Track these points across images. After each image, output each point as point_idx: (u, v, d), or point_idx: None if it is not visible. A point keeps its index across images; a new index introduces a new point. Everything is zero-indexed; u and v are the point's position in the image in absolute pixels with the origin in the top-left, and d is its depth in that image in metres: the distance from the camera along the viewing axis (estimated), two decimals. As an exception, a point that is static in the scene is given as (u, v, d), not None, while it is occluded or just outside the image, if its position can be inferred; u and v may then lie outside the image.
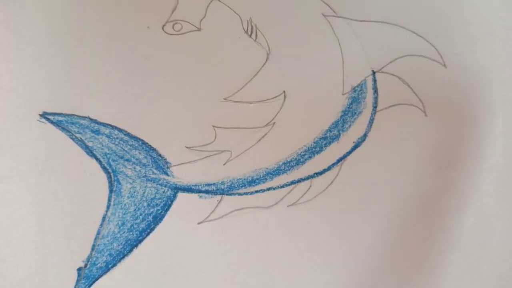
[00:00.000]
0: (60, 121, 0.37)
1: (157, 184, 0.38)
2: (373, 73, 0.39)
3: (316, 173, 0.39)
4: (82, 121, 0.37)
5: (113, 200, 0.37)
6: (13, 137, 0.37)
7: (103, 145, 0.38)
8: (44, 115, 0.37)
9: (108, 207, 0.37)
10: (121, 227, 0.37)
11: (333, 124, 0.39)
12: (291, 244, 0.38)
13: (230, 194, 0.38)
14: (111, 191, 0.37)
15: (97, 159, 0.37)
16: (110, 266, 0.37)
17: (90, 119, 0.37)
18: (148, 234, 0.37)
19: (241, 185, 0.38)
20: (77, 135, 0.37)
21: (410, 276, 0.38)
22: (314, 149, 0.39)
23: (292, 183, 0.39)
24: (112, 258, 0.37)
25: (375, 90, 0.39)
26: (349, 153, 0.39)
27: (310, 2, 0.40)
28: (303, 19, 0.39)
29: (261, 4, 0.39)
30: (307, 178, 0.39)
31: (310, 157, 0.39)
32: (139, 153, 0.38)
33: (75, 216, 0.37)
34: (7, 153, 0.37)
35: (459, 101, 0.39)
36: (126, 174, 0.38)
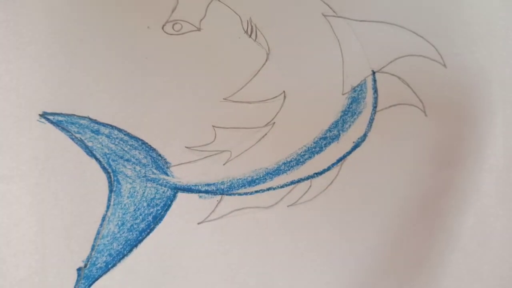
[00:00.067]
0: (60, 121, 0.37)
1: (157, 184, 0.38)
2: (373, 73, 0.39)
3: (316, 173, 0.39)
4: (82, 121, 0.37)
5: (113, 200, 0.37)
6: (13, 137, 0.37)
7: (103, 145, 0.38)
8: (44, 115, 0.37)
9: (108, 207, 0.37)
10: (121, 227, 0.37)
11: (333, 124, 0.39)
12: (291, 244, 0.38)
13: (230, 194, 0.38)
14: (111, 191, 0.37)
15: (97, 159, 0.37)
16: (110, 266, 0.37)
17: (90, 119, 0.37)
18: (148, 234, 0.37)
19: (241, 185, 0.38)
20: (77, 135, 0.37)
21: (410, 276, 0.38)
22: (314, 149, 0.39)
23: (292, 183, 0.39)
24: (112, 258, 0.37)
25: (375, 90, 0.39)
26: (349, 153, 0.39)
27: (310, 2, 0.39)
28: (303, 19, 0.39)
29: (261, 4, 0.39)
30: (307, 178, 0.39)
31: (310, 157, 0.39)
32: (139, 153, 0.38)
33: (75, 216, 0.37)
34: (7, 153, 0.37)
35: (459, 101, 0.39)
36: (126, 174, 0.38)
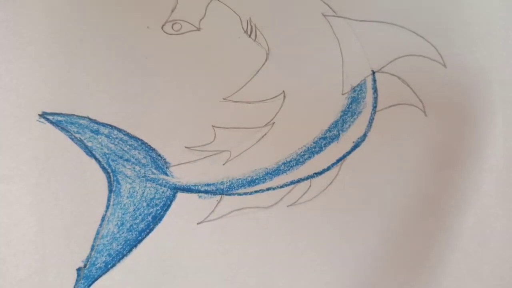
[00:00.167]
0: (59, 121, 0.37)
1: (156, 184, 0.38)
2: (373, 73, 0.39)
3: (316, 173, 0.39)
4: (82, 121, 0.37)
5: (112, 200, 0.37)
6: (13, 137, 0.37)
7: (102, 145, 0.38)
8: (44, 115, 0.37)
9: (108, 207, 0.37)
10: (121, 227, 0.37)
11: (332, 124, 0.39)
12: (291, 244, 0.38)
13: (230, 194, 0.38)
14: (110, 191, 0.37)
15: (96, 159, 0.37)
16: (109, 266, 0.37)
17: (89, 119, 0.37)
18: (148, 234, 0.37)
19: (240, 185, 0.38)
20: (77, 135, 0.37)
21: (410, 276, 0.38)
22: (313, 149, 0.39)
23: (292, 183, 0.39)
24: (111, 258, 0.37)
25: (374, 90, 0.39)
26: (348, 153, 0.39)
27: (310, 2, 0.39)
28: (303, 19, 0.39)
29: (260, 4, 0.39)
30: (307, 178, 0.39)
31: (310, 157, 0.39)
32: (139, 153, 0.38)
33: (75, 216, 0.37)
34: (7, 153, 0.37)
35: (459, 101, 0.39)
36: (125, 174, 0.38)
